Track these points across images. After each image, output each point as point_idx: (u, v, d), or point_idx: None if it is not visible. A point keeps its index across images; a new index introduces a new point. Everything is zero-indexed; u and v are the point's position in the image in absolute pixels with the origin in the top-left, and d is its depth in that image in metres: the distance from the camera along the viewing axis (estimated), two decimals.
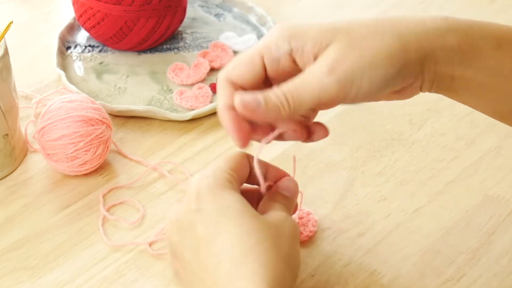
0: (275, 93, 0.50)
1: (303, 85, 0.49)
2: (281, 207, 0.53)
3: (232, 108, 0.51)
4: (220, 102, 0.52)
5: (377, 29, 0.50)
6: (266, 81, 0.53)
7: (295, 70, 0.51)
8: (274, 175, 0.56)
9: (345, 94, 0.49)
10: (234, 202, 0.50)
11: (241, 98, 0.50)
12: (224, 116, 0.52)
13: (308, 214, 0.62)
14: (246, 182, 0.55)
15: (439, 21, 0.51)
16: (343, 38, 0.49)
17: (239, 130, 0.52)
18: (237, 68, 0.53)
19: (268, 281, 0.46)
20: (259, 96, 0.50)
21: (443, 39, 0.51)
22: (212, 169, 0.53)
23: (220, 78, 0.53)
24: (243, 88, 0.52)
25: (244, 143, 0.52)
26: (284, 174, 0.56)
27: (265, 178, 0.54)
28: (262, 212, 0.52)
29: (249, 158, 0.54)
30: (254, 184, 0.55)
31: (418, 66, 0.50)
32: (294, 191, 0.55)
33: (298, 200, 0.57)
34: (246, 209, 0.50)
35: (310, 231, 0.61)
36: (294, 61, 0.51)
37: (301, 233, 0.61)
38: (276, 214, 0.51)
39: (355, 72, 0.49)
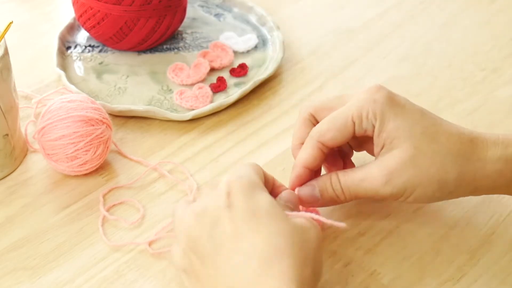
0: (332, 186, 0.57)
1: (360, 186, 0.56)
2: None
3: (307, 167, 0.58)
4: (301, 158, 0.58)
5: (442, 151, 0.55)
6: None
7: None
8: (278, 187, 0.59)
9: (395, 198, 0.56)
10: (265, 203, 0.51)
11: (300, 194, 0.58)
12: (296, 171, 0.58)
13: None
14: None
15: (499, 150, 0.56)
16: (409, 149, 0.55)
17: (300, 185, 0.59)
18: (331, 132, 0.57)
19: (297, 282, 0.47)
20: (316, 190, 0.58)
21: (499, 173, 0.55)
22: (244, 170, 0.54)
23: (312, 138, 0.58)
24: (328, 146, 0.57)
25: None
26: (284, 188, 0.59)
27: (272, 193, 0.58)
28: None
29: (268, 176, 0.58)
30: None
31: (468, 191, 0.57)
32: (296, 202, 0.58)
33: None
34: (276, 211, 0.51)
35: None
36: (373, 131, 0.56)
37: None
38: (302, 220, 0.52)
39: (408, 186, 0.55)
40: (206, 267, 0.51)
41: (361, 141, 0.61)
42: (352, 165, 0.62)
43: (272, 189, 0.58)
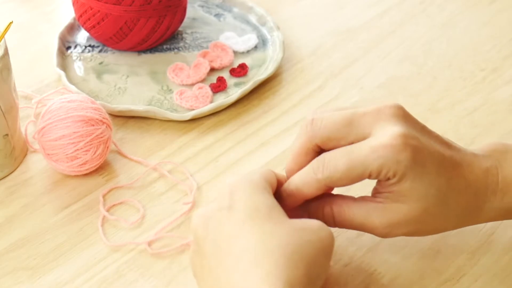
0: (324, 217, 0.55)
1: (357, 227, 0.55)
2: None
3: (306, 200, 0.56)
4: (304, 195, 0.55)
5: (448, 213, 0.54)
6: None
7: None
8: None
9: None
10: (264, 205, 0.51)
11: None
12: (295, 203, 0.55)
13: None
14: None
15: (497, 201, 0.55)
16: (417, 210, 0.53)
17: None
18: (344, 181, 0.53)
19: (284, 283, 0.46)
20: (304, 216, 0.56)
21: (491, 219, 0.57)
22: (251, 172, 0.54)
23: (320, 182, 0.54)
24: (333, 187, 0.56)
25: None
26: None
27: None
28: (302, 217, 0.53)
29: (276, 174, 0.56)
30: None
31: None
32: None
33: None
34: (274, 213, 0.50)
35: None
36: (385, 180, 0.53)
37: None
38: (311, 221, 0.51)
39: (405, 235, 0.55)
40: (204, 269, 0.51)
41: None
42: None
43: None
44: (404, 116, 0.54)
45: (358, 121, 0.54)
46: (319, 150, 0.56)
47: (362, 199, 0.55)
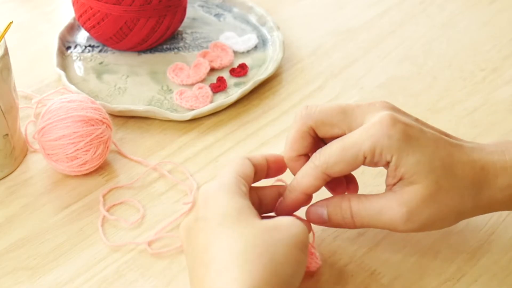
0: (342, 212, 0.55)
1: (376, 219, 0.54)
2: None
3: (307, 194, 0.56)
4: (303, 186, 0.55)
5: (460, 184, 0.54)
6: None
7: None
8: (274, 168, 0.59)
9: (411, 232, 0.56)
10: (232, 209, 0.50)
11: (308, 214, 0.57)
12: (295, 196, 0.56)
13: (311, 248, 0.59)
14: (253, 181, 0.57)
15: (508, 176, 0.55)
16: (430, 186, 0.53)
17: (295, 209, 0.57)
18: (340, 165, 0.54)
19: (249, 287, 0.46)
20: (325, 214, 0.56)
21: (510, 197, 0.55)
22: (218, 176, 0.54)
23: (317, 168, 0.54)
24: (333, 176, 0.55)
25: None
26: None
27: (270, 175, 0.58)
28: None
29: (250, 159, 0.56)
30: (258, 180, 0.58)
31: (482, 214, 0.57)
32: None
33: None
34: (243, 216, 0.50)
35: (316, 263, 0.58)
36: (386, 165, 0.54)
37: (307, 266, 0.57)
38: (282, 218, 0.51)
39: (428, 223, 0.54)
40: (190, 280, 0.51)
41: None
42: (353, 180, 0.60)
43: (268, 172, 0.58)
44: (394, 108, 0.56)
45: (351, 110, 0.55)
46: (315, 135, 0.56)
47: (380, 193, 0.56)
